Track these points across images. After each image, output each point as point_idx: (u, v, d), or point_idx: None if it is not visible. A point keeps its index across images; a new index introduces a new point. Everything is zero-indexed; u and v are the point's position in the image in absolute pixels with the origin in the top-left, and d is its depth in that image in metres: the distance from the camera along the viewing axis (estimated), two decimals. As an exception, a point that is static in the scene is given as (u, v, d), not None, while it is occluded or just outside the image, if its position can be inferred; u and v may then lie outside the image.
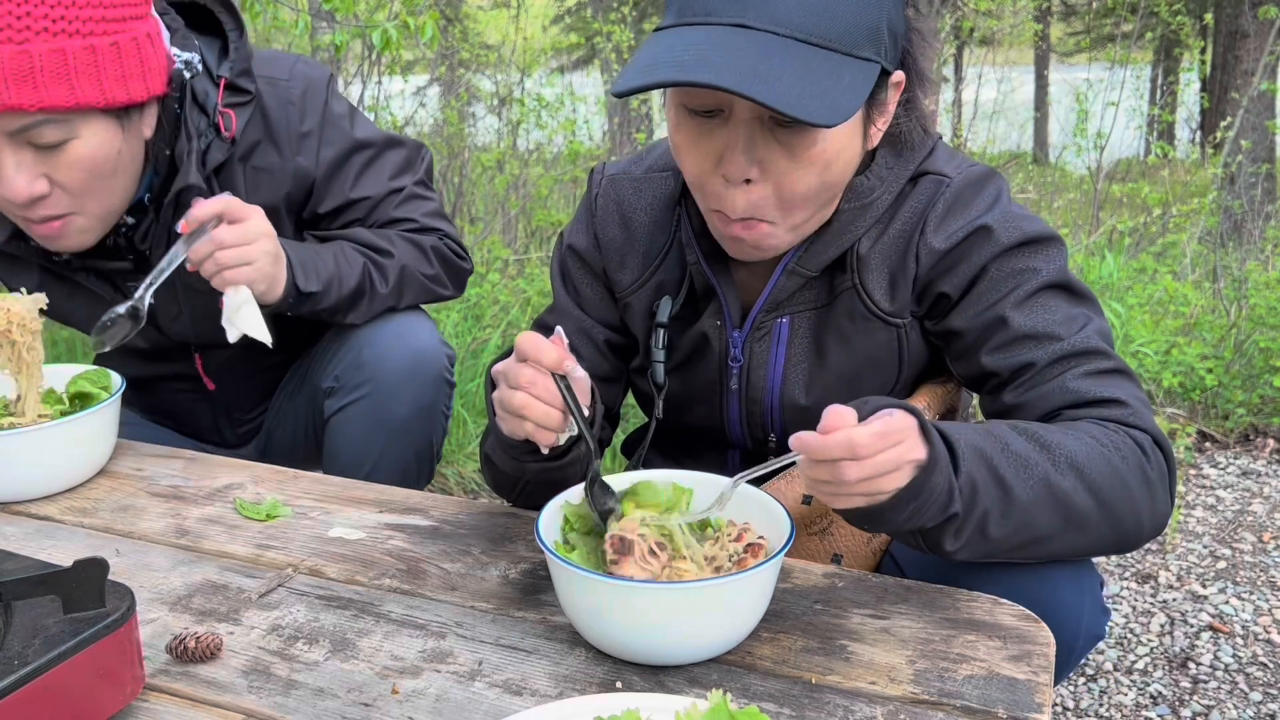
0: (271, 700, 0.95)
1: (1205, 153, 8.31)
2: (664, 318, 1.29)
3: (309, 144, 1.60)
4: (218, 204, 1.39)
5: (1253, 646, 2.22)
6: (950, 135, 6.55)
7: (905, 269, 1.21)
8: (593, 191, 1.38)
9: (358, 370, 1.62)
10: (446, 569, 1.19)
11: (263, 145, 1.58)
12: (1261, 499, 2.97)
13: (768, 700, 0.93)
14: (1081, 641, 1.10)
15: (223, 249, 1.38)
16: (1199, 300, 4.18)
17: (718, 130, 1.08)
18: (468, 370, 3.37)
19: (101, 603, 0.90)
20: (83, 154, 1.35)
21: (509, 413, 1.08)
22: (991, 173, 1.22)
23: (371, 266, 1.60)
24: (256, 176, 1.59)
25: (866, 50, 1.04)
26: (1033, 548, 1.04)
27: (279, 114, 1.58)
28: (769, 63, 0.99)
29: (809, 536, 1.26)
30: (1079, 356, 1.13)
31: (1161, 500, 1.09)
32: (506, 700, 0.94)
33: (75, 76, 1.29)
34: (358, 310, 1.61)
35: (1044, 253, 1.17)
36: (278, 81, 1.59)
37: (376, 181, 1.66)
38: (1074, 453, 1.03)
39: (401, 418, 1.62)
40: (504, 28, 7.76)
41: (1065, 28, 15.29)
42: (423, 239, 1.67)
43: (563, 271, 1.41)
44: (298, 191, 1.62)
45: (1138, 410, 1.11)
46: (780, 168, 1.07)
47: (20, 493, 1.38)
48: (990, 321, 1.16)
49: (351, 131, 1.64)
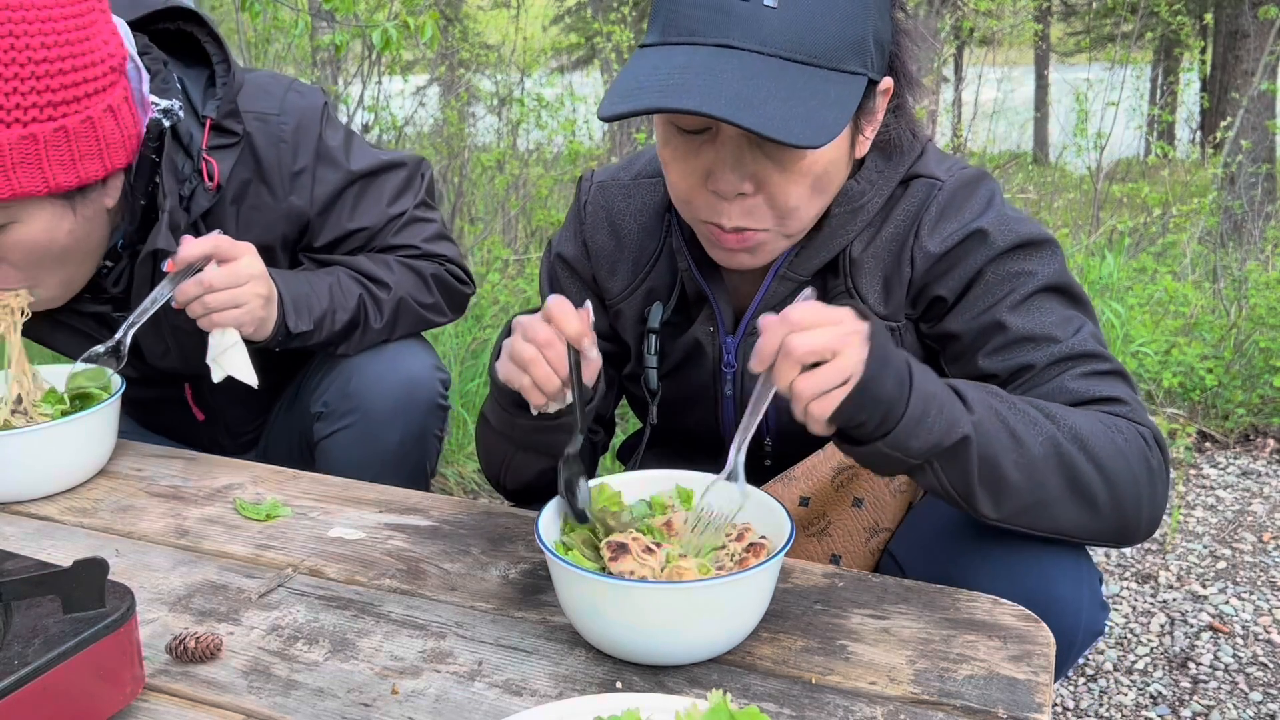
0: (271, 700, 0.95)
1: (1205, 153, 8.32)
2: (655, 324, 1.29)
3: (303, 182, 1.53)
4: (207, 244, 1.36)
5: (1253, 646, 2.22)
6: (950, 135, 6.55)
7: (899, 272, 1.21)
8: (581, 198, 1.38)
9: (345, 399, 1.59)
10: (446, 569, 1.19)
11: (254, 185, 1.52)
12: (1261, 499, 2.97)
13: (768, 700, 0.93)
14: (1081, 637, 1.10)
15: (212, 292, 1.34)
16: (1199, 300, 4.18)
17: (705, 148, 1.09)
18: (468, 370, 3.37)
19: (101, 603, 0.90)
20: (24, 238, 1.31)
21: (514, 362, 1.07)
22: (983, 174, 1.22)
23: (368, 299, 1.56)
24: (250, 216, 1.53)
25: (853, 64, 1.04)
26: (1040, 511, 1.04)
27: (270, 153, 1.51)
28: (753, 85, 0.99)
29: (807, 538, 1.26)
30: (1077, 359, 1.13)
31: (1161, 494, 1.09)
32: (506, 700, 0.94)
33: (12, 168, 1.23)
34: (349, 343, 1.58)
35: (1039, 255, 1.17)
36: (268, 118, 1.51)
37: (374, 210, 1.61)
38: (1078, 425, 1.04)
39: (392, 446, 1.59)
40: (504, 28, 7.76)
41: (1065, 28, 15.28)
42: (423, 266, 1.64)
43: (551, 279, 1.41)
44: (292, 230, 1.58)
45: (1136, 410, 1.11)
46: (773, 181, 1.08)
47: (20, 493, 1.38)
48: (987, 324, 1.16)
49: (347, 164, 1.58)
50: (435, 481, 2.95)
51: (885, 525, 1.24)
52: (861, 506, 1.24)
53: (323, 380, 1.64)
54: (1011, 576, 1.08)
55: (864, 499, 1.24)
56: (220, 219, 1.52)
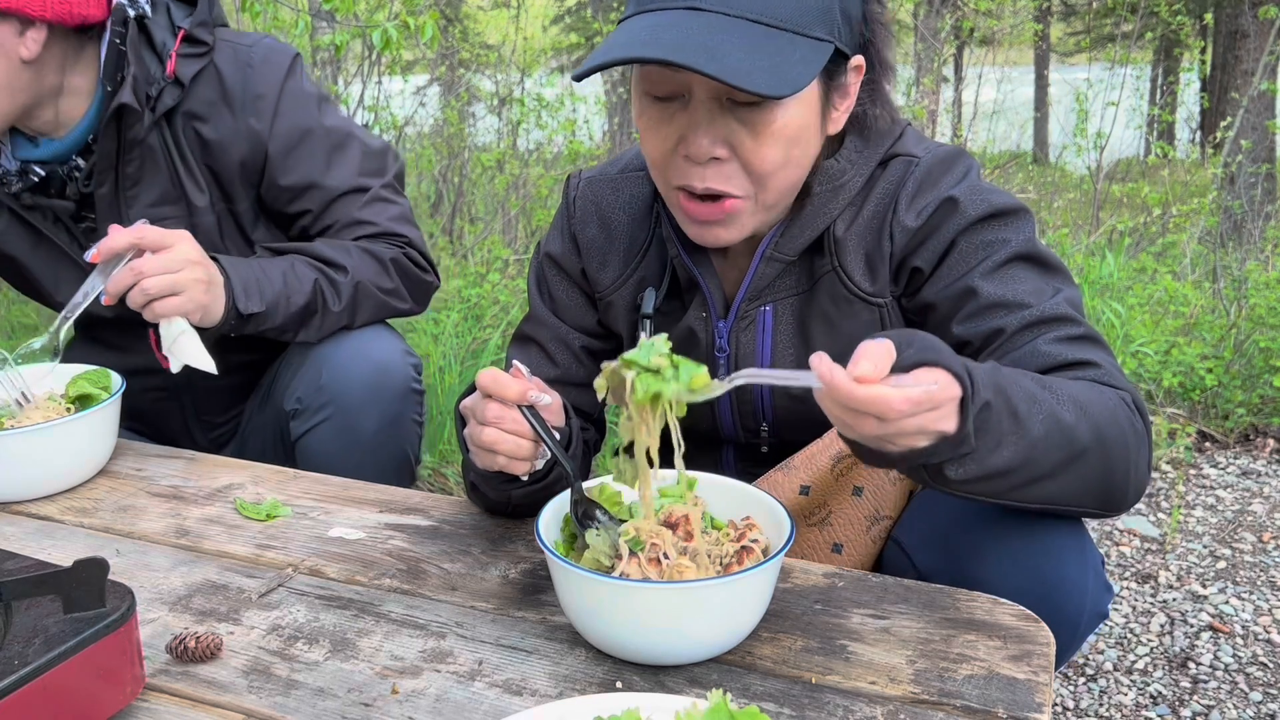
0: (271, 700, 0.95)
1: (1205, 153, 8.32)
2: (649, 309, 1.30)
3: (263, 107, 1.60)
4: (133, 234, 1.36)
5: (1253, 646, 2.21)
6: (950, 135, 6.55)
7: (881, 249, 1.22)
8: (570, 195, 1.39)
9: (318, 393, 1.59)
10: (446, 569, 1.19)
11: (216, 107, 1.59)
12: (1261, 499, 2.97)
13: (768, 700, 0.93)
14: (1086, 619, 1.09)
15: (147, 278, 1.35)
16: (1199, 300, 4.18)
17: (679, 114, 1.11)
18: (468, 370, 3.37)
19: (101, 603, 0.90)
20: None
21: (480, 449, 1.09)
22: (960, 151, 1.24)
23: (324, 283, 1.56)
24: (208, 134, 1.59)
25: (818, 30, 1.07)
26: (1028, 489, 1.00)
27: (234, 75, 1.59)
28: (717, 39, 1.02)
29: (808, 527, 1.26)
30: (1049, 323, 1.13)
31: (1144, 460, 1.08)
32: (506, 700, 0.94)
33: None
34: (309, 328, 1.57)
35: (1012, 224, 1.18)
36: (239, 46, 1.61)
37: (342, 173, 1.65)
38: (1074, 391, 1.03)
39: (370, 435, 1.59)
40: (504, 28, 7.76)
41: (1065, 28, 15.29)
42: (382, 251, 1.64)
43: (539, 280, 1.42)
44: (252, 158, 1.62)
45: (1111, 373, 1.10)
46: (746, 145, 1.10)
47: (20, 493, 1.38)
48: (960, 292, 1.17)
49: (318, 115, 1.64)
50: (435, 481, 2.95)
51: (886, 513, 1.24)
52: (862, 495, 1.24)
53: (294, 377, 1.64)
54: (1019, 557, 1.07)
55: (864, 487, 1.24)
56: (183, 133, 1.59)
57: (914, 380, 0.85)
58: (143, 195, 1.61)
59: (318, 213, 1.66)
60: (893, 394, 0.83)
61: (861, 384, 0.83)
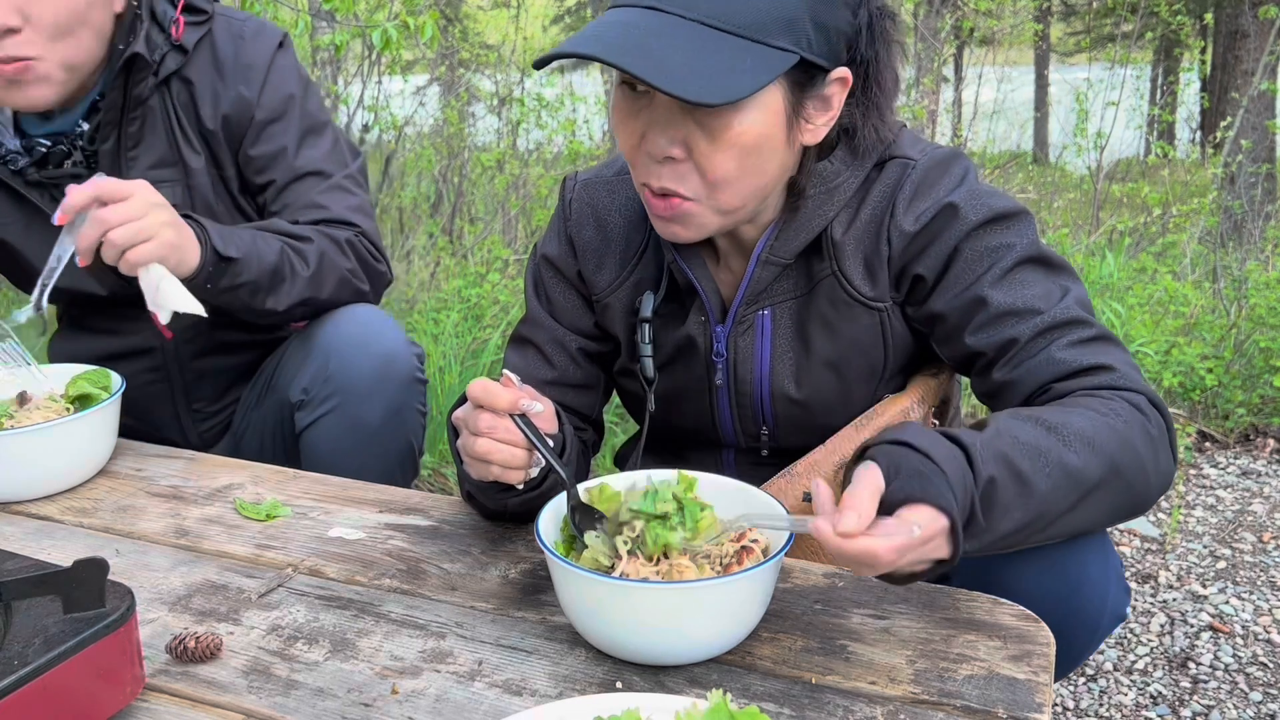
0: (271, 700, 0.95)
1: (1205, 153, 8.32)
2: (648, 312, 1.30)
3: (253, 76, 1.66)
4: (90, 188, 1.35)
5: (1253, 646, 2.22)
6: (950, 135, 6.55)
7: (879, 252, 1.21)
8: (566, 197, 1.39)
9: (325, 382, 1.59)
10: (446, 569, 1.19)
11: (209, 74, 1.65)
12: (1261, 499, 2.97)
13: (768, 700, 0.93)
14: (1105, 621, 1.09)
15: (113, 229, 1.33)
16: (1199, 300, 4.18)
17: (644, 110, 1.11)
18: (468, 371, 3.38)
19: (101, 603, 0.90)
20: None
21: (474, 460, 1.09)
22: (957, 153, 1.23)
23: (290, 249, 1.57)
24: (202, 109, 1.66)
25: (781, 40, 1.05)
26: (1046, 531, 1.02)
27: (227, 45, 1.66)
28: (662, 40, 1.02)
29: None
30: (1061, 327, 1.13)
31: (1165, 458, 1.08)
32: (506, 700, 0.94)
33: None
34: (279, 293, 1.56)
35: (1014, 227, 1.17)
36: (233, 20, 1.68)
37: (311, 155, 1.70)
38: (1081, 428, 1.02)
39: (375, 424, 1.59)
40: (504, 28, 7.76)
41: (1065, 28, 15.28)
42: (337, 233, 1.66)
43: (535, 282, 1.41)
44: (238, 125, 1.67)
45: (1127, 373, 1.10)
46: (700, 149, 1.09)
47: (20, 493, 1.38)
48: (970, 302, 1.17)
49: (302, 95, 1.70)
50: (436, 481, 2.95)
51: None
52: None
53: (299, 369, 1.64)
54: (1039, 561, 1.07)
55: None
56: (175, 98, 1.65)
57: (898, 524, 0.88)
58: (142, 157, 1.65)
59: (280, 186, 1.69)
60: (878, 545, 0.87)
61: (848, 539, 0.86)
